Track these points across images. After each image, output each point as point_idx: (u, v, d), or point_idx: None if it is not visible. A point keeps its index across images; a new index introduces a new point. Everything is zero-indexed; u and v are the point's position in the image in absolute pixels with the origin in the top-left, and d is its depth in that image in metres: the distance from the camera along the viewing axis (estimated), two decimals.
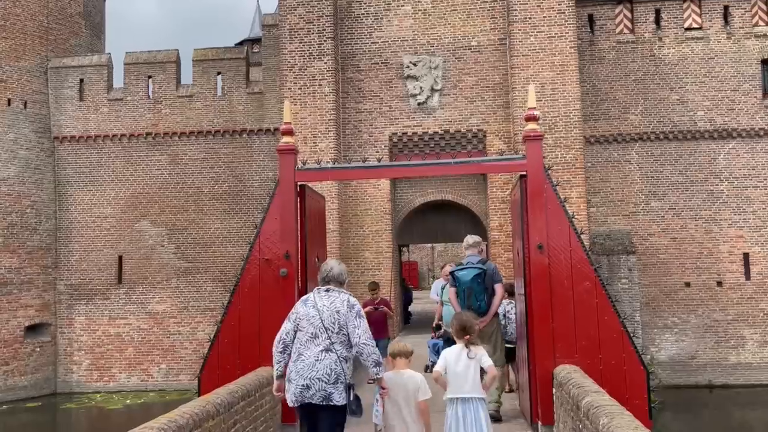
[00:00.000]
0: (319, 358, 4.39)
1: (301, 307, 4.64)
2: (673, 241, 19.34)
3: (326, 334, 4.43)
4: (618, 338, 6.14)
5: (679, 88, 19.52)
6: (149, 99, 21.34)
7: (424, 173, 6.43)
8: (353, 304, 4.55)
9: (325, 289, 4.64)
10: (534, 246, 6.28)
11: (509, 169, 6.43)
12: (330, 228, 16.02)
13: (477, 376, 4.98)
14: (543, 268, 6.26)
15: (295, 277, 6.55)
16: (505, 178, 16.39)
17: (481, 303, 6.63)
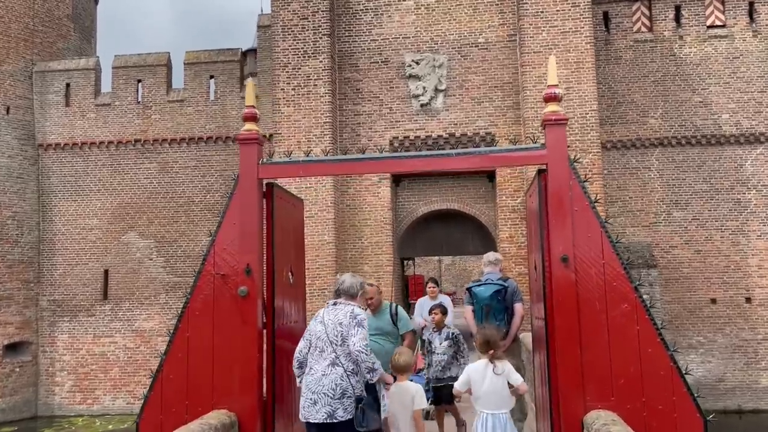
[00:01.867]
0: (326, 373, 4.41)
1: (312, 322, 4.71)
2: (698, 253, 17.92)
3: (331, 348, 4.45)
4: (666, 377, 4.79)
5: (701, 90, 18.19)
6: (138, 104, 20.25)
7: (419, 167, 5.14)
8: (356, 315, 4.54)
9: (332, 302, 4.68)
10: (557, 258, 4.96)
11: (524, 161, 5.13)
12: (325, 239, 14.78)
13: (504, 392, 4.91)
14: (568, 285, 4.94)
15: (258, 297, 5.25)
16: (516, 185, 15.08)
17: (500, 323, 6.28)
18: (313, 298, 14.81)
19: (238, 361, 5.16)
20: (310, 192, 15.00)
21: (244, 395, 5.14)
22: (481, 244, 16.59)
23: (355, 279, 4.81)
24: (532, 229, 6.00)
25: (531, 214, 5.99)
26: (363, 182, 15.56)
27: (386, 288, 15.19)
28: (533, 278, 5.98)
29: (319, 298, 14.77)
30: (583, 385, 4.84)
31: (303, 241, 6.58)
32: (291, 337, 5.94)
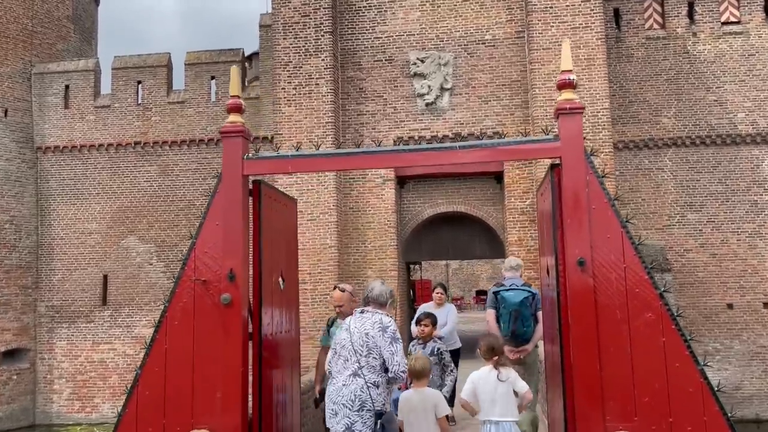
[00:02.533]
0: (346, 383, 4.27)
1: (340, 331, 4.56)
2: (713, 257, 17.32)
3: (355, 357, 4.29)
4: (696, 394, 4.27)
5: (716, 88, 17.61)
6: (138, 106, 19.85)
7: (418, 162, 4.67)
8: (386, 326, 4.32)
9: (360, 310, 4.51)
10: (572, 262, 4.46)
11: (535, 154, 4.64)
12: (328, 243, 14.32)
13: (509, 399, 4.80)
14: (586, 292, 4.43)
15: (242, 305, 4.76)
16: (525, 186, 14.56)
17: (527, 329, 6.20)
18: (315, 305, 14.36)
19: (221, 376, 4.68)
20: (312, 194, 14.54)
21: (227, 413, 4.66)
22: (488, 247, 16.08)
23: (385, 287, 4.61)
24: (544, 231, 5.49)
25: (543, 213, 5.48)
26: (366, 184, 15.09)
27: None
28: (545, 284, 5.47)
29: (321, 305, 14.30)
30: (602, 403, 4.32)
31: (296, 243, 6.10)
32: (281, 349, 5.46)
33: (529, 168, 14.52)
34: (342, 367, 4.33)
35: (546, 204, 5.19)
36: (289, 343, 5.66)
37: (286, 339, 5.59)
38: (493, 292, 6.43)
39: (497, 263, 35.13)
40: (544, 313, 5.57)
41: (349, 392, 4.22)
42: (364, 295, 4.55)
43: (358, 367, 4.25)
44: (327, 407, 4.37)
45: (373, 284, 4.65)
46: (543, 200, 5.43)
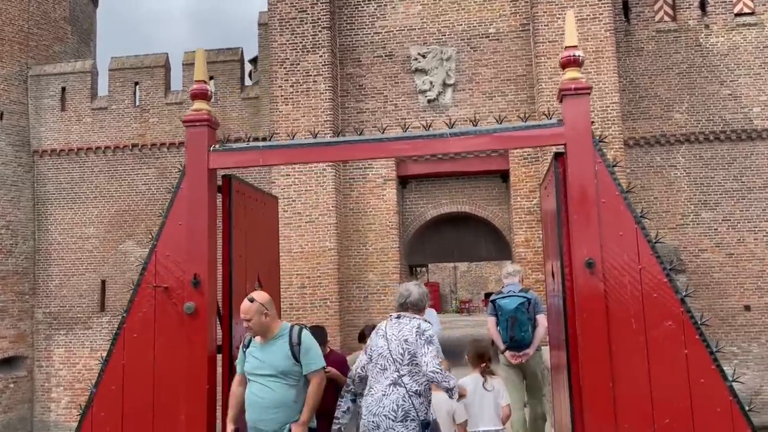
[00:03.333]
0: (386, 393, 4.01)
1: (373, 337, 4.27)
2: (729, 257, 16.66)
3: (394, 366, 4.04)
4: (724, 414, 3.71)
5: (730, 82, 16.96)
6: (136, 107, 19.44)
7: (407, 152, 4.17)
8: (424, 330, 4.07)
9: (396, 316, 4.23)
10: (580, 263, 3.92)
11: (536, 141, 4.10)
12: (327, 246, 13.81)
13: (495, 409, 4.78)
14: (595, 298, 3.89)
15: (209, 315, 4.25)
16: (532, 185, 13.98)
17: (525, 334, 6.28)
18: (315, 309, 13.85)
19: (185, 395, 4.17)
20: (310, 195, 14.04)
21: None
22: (494, 248, 15.51)
23: (422, 290, 4.34)
24: (548, 229, 4.94)
25: (547, 210, 4.93)
26: (367, 184, 14.57)
27: (392, 297, 14.16)
28: (551, 289, 4.92)
29: (321, 310, 13.79)
30: (615, 426, 3.77)
31: (276, 245, 5.57)
32: None
33: (536, 165, 13.95)
34: (380, 377, 4.08)
35: (550, 199, 4.64)
36: None
37: None
38: (491, 301, 6.56)
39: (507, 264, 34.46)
40: (550, 322, 5.03)
41: (391, 402, 3.97)
42: (400, 300, 4.25)
43: (398, 376, 4.02)
44: (365, 419, 4.05)
45: (410, 288, 4.30)
46: (547, 195, 4.88)
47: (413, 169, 14.72)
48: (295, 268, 13.91)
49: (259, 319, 3.95)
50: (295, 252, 13.94)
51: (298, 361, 3.98)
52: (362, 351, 4.36)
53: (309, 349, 4.04)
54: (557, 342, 4.73)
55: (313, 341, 4.12)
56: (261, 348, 4.03)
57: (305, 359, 4.00)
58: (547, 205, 4.87)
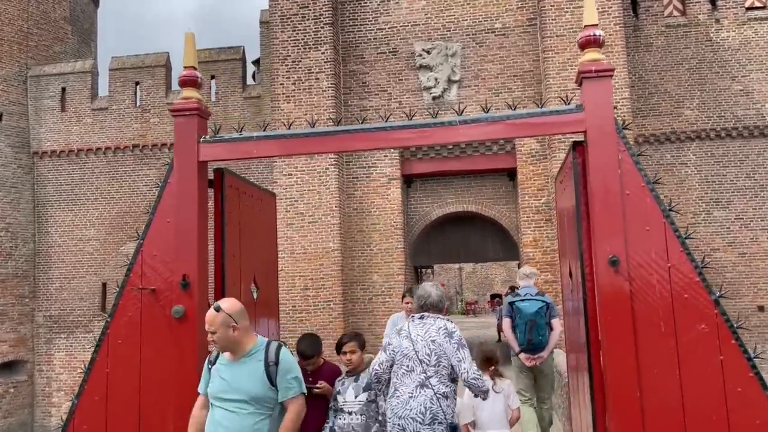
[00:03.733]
0: (414, 395, 3.92)
1: (395, 338, 4.15)
2: (742, 257, 16.27)
3: (421, 368, 3.95)
4: (765, 427, 3.36)
5: (742, 77, 16.58)
6: (137, 107, 19.17)
7: (413, 141, 3.81)
8: (452, 332, 4.00)
9: (419, 316, 4.16)
10: (603, 262, 3.58)
11: (554, 128, 3.75)
12: (330, 246, 13.49)
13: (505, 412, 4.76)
14: (620, 299, 3.55)
15: (200, 320, 3.92)
16: (540, 183, 13.63)
17: (542, 338, 6.37)
18: (318, 312, 13.53)
19: (174, 405, 3.86)
20: (313, 195, 13.72)
21: None
22: (502, 249, 15.17)
23: (440, 291, 4.30)
24: (565, 226, 4.60)
25: (563, 205, 4.60)
26: (371, 183, 14.24)
27: (397, 299, 13.83)
28: (567, 290, 4.58)
29: (324, 312, 13.47)
30: None
31: (274, 244, 5.25)
32: None
33: (543, 163, 13.60)
34: (406, 378, 3.98)
35: (567, 193, 4.30)
36: None
37: None
38: (509, 303, 6.60)
39: (512, 266, 34.13)
40: (568, 326, 4.69)
41: (418, 405, 3.88)
42: (421, 301, 4.20)
43: (426, 378, 3.93)
44: (391, 422, 3.98)
45: (428, 289, 4.25)
46: (563, 189, 4.54)
47: (418, 168, 14.40)
48: (297, 270, 13.60)
49: (225, 332, 3.25)
50: (297, 253, 13.63)
51: (274, 384, 3.30)
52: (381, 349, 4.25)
53: (288, 371, 3.34)
54: (576, 345, 4.39)
55: (293, 362, 3.44)
56: (230, 366, 3.32)
57: (283, 383, 3.31)
58: (563, 200, 4.53)
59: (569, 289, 4.46)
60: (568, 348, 4.87)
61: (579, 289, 3.99)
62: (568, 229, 4.34)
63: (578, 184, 3.89)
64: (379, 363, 4.12)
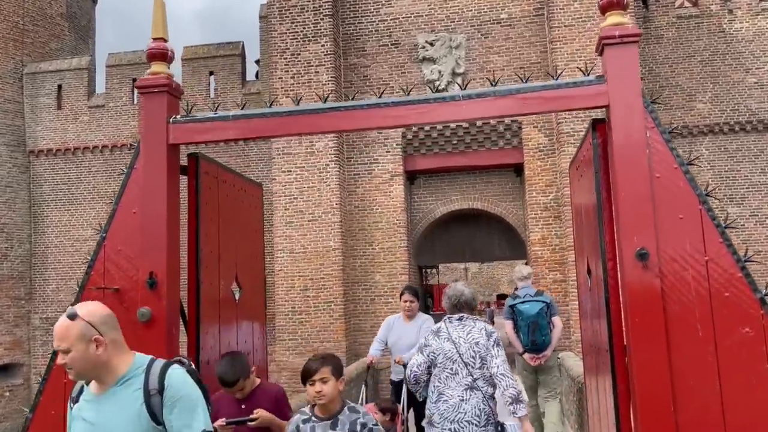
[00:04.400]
0: (464, 398, 3.89)
1: (433, 339, 4.06)
2: (758, 254, 15.70)
3: (466, 370, 3.92)
4: None
5: (756, 69, 16.05)
6: (134, 104, 18.77)
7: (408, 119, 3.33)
8: (491, 332, 4.05)
9: (457, 318, 4.10)
10: (629, 255, 3.11)
11: (572, 102, 3.27)
12: (331, 245, 13.03)
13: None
14: (650, 298, 3.08)
15: (169, 322, 3.46)
16: (548, 179, 13.13)
17: (545, 338, 6.38)
18: (318, 313, 13.07)
19: None
20: (312, 192, 13.26)
21: None
22: (508, 247, 14.67)
23: (472, 289, 4.34)
24: (582, 218, 4.13)
25: (580, 194, 4.12)
26: (373, 180, 13.77)
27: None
28: (585, 289, 4.11)
29: (324, 313, 13.01)
30: None
31: (261, 240, 4.79)
32: None
33: (552, 158, 13.10)
34: (451, 382, 3.94)
35: (585, 180, 3.83)
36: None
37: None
38: (509, 305, 6.60)
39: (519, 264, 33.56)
40: (586, 328, 4.22)
41: (472, 408, 3.89)
42: (454, 300, 4.14)
43: (473, 380, 3.92)
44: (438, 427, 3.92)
45: (461, 288, 4.23)
46: (579, 176, 4.06)
47: (421, 164, 13.92)
48: (297, 270, 13.14)
49: (85, 350, 2.17)
50: (297, 252, 13.17)
51: (161, 423, 2.17)
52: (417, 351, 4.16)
53: (179, 400, 2.18)
54: (595, 349, 3.91)
55: (188, 386, 2.24)
56: (96, 402, 2.24)
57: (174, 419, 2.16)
58: (580, 189, 4.05)
59: (588, 287, 3.98)
60: (585, 351, 4.39)
61: (600, 288, 3.51)
62: (587, 221, 3.86)
63: (599, 168, 3.41)
64: (417, 365, 4.07)
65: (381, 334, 6.26)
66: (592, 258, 3.76)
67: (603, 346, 3.51)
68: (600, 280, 3.49)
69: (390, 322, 6.32)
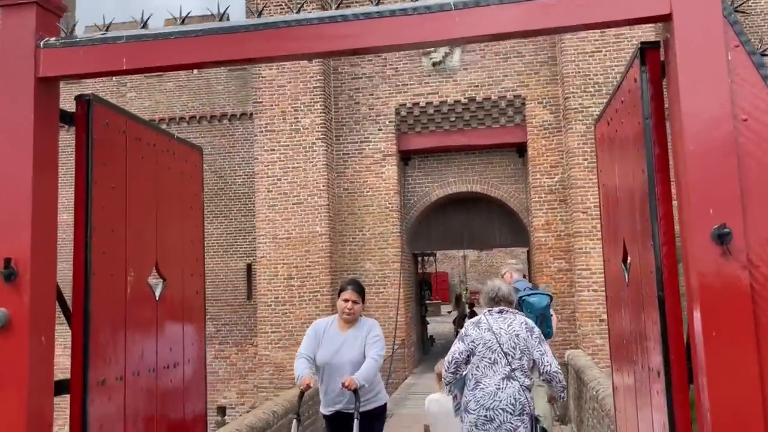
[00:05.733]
0: (501, 387, 4.00)
1: (473, 329, 4.19)
2: None
3: (506, 360, 4.04)
4: None
5: None
6: (111, 80, 17.68)
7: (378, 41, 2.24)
8: (532, 327, 4.17)
9: (497, 310, 4.22)
10: (703, 236, 2.07)
11: (616, 12, 2.15)
12: (317, 231, 12.03)
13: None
14: (733, 293, 2.06)
15: (36, 332, 2.44)
16: (554, 160, 12.09)
17: (550, 330, 6.24)
18: (303, 304, 12.09)
19: None
20: (298, 173, 12.22)
21: None
22: (509, 234, 13.66)
23: (508, 285, 4.53)
24: (616, 188, 3.08)
25: (614, 159, 3.08)
26: (363, 160, 12.73)
27: (393, 289, 12.38)
28: (617, 285, 3.09)
29: (310, 304, 12.02)
30: None
31: (198, 218, 3.75)
32: (152, 403, 3.11)
33: (557, 136, 12.05)
34: (488, 371, 4.06)
35: (623, 136, 2.79)
36: (175, 390, 3.31)
37: (170, 384, 3.25)
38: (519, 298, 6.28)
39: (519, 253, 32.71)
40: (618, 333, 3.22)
41: (507, 396, 3.99)
42: (491, 294, 4.29)
43: (511, 370, 4.03)
44: (476, 413, 4.02)
45: (497, 283, 4.38)
46: (613, 131, 3.02)
47: (416, 143, 12.88)
48: (281, 257, 12.13)
49: None
50: (280, 238, 12.16)
51: None
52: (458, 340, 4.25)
53: None
54: (630, 364, 2.91)
55: None
56: None
57: None
58: (614, 149, 3.01)
59: (623, 283, 2.95)
60: (617, 363, 3.38)
61: (646, 284, 2.49)
62: (625, 191, 2.83)
63: (651, 113, 2.37)
64: (459, 352, 4.15)
65: (306, 345, 4.44)
66: (633, 242, 2.72)
67: (650, 365, 2.49)
68: (647, 272, 2.46)
69: (318, 328, 4.52)
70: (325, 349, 4.36)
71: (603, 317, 11.02)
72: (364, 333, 4.38)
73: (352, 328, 4.42)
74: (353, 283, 4.66)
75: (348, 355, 4.32)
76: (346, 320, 4.44)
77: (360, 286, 4.60)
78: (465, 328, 4.30)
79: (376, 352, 4.31)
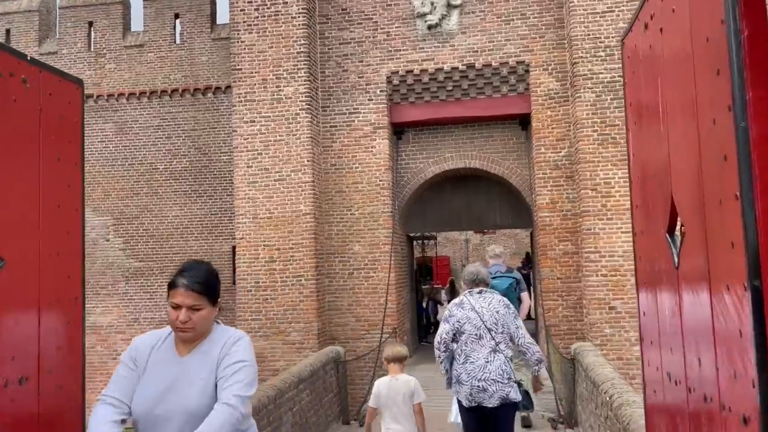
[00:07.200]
0: (489, 360, 4.53)
1: (457, 310, 4.71)
2: None
3: (489, 335, 4.57)
4: None
5: None
6: (90, 51, 16.65)
7: None
8: (508, 304, 4.75)
9: (477, 291, 4.75)
10: None
11: None
12: (302, 210, 11.06)
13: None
14: None
15: None
16: (560, 132, 11.03)
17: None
18: (287, 289, 11.12)
19: None
20: (280, 146, 11.19)
21: None
22: (511, 214, 12.63)
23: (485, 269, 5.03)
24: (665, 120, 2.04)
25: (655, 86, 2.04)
26: (352, 133, 11.69)
27: (383, 273, 11.39)
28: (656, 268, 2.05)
29: (294, 290, 11.07)
30: None
31: (76, 176, 2.73)
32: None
33: (564, 107, 10.98)
34: (475, 345, 4.55)
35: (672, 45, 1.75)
36: (21, 418, 2.31)
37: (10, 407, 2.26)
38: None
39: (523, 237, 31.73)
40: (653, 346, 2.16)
41: (496, 368, 4.49)
42: (472, 277, 4.78)
43: (496, 344, 4.53)
44: (468, 384, 4.51)
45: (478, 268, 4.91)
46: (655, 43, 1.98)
47: (410, 115, 11.83)
48: (261, 238, 11.15)
49: None
50: (261, 218, 11.17)
51: None
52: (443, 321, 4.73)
53: None
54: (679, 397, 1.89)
55: None
56: None
57: None
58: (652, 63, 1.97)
59: (670, 264, 1.92)
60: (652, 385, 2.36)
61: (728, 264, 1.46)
62: (675, 120, 1.79)
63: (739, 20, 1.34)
64: (446, 332, 4.63)
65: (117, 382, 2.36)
66: (692, 198, 1.70)
67: (724, 402, 1.47)
68: (725, 247, 1.43)
69: (141, 351, 2.43)
70: (147, 389, 2.31)
71: (612, 304, 10.01)
72: (215, 357, 2.37)
73: (196, 349, 2.40)
74: (190, 271, 2.45)
75: (184, 398, 2.29)
76: (183, 338, 2.40)
77: (205, 277, 2.48)
78: (449, 309, 4.77)
79: (234, 392, 2.25)
